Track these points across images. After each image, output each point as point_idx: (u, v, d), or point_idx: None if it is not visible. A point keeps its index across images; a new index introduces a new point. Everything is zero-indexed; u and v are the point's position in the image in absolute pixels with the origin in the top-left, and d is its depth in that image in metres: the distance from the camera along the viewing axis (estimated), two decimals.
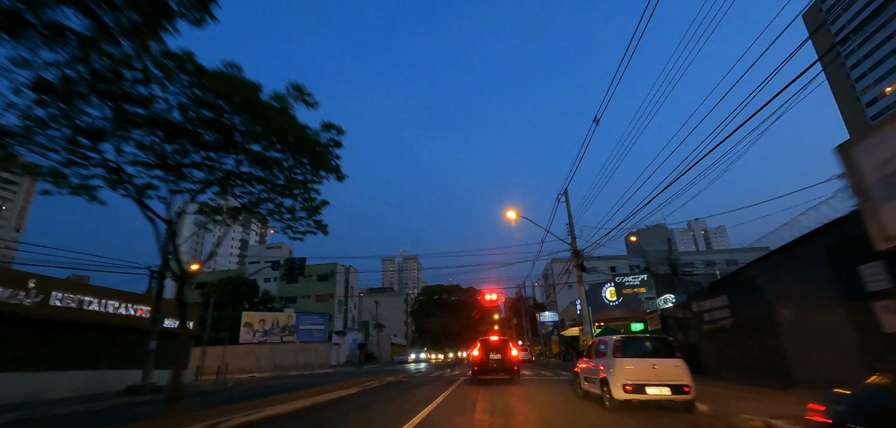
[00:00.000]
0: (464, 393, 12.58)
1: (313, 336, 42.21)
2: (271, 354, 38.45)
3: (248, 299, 43.68)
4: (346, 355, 50.36)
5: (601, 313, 44.05)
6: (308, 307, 54.93)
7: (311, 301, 59.17)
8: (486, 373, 15.82)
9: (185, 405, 9.26)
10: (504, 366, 15.50)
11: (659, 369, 7.80)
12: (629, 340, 8.88)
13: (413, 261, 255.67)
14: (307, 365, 40.07)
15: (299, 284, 61.10)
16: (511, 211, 22.62)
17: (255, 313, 39.77)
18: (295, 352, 39.86)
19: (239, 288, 43.16)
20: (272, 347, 38.90)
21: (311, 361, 40.59)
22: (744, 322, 10.59)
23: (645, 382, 7.67)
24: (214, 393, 17.94)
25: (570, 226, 21.67)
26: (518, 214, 22.60)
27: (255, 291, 44.89)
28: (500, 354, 15.67)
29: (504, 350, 15.75)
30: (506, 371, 15.58)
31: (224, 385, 21.71)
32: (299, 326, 41.58)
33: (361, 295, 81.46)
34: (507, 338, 16.92)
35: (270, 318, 40.38)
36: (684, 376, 7.74)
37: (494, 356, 15.77)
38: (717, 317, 11.73)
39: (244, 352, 37.72)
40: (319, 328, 42.87)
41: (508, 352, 15.74)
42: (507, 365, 15.49)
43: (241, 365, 37.10)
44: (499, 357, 15.69)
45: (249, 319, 39.00)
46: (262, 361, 37.80)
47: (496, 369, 15.62)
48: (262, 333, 39.44)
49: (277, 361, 38.49)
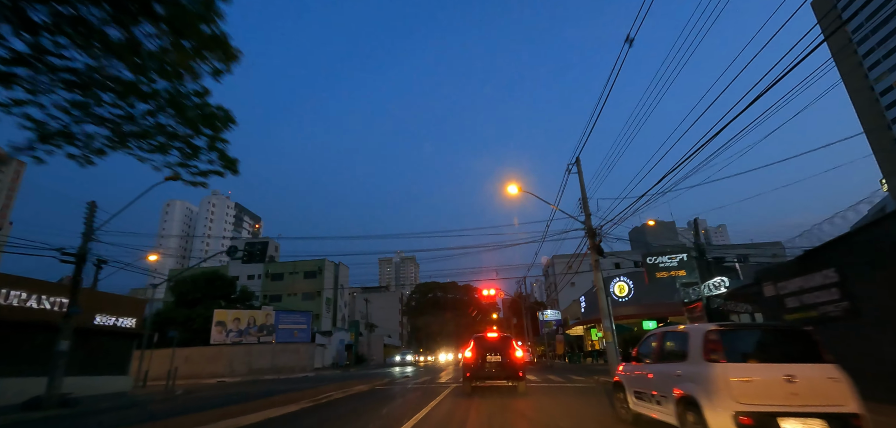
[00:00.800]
0: (450, 409, 9.00)
1: (294, 336, 38.45)
2: (246, 357, 34.68)
3: (225, 296, 39.94)
4: (332, 357, 46.62)
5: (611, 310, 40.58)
6: (294, 306, 51.16)
7: (297, 299, 55.41)
8: (483, 379, 12.22)
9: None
10: (506, 370, 11.89)
11: (801, 384, 4.19)
12: (740, 332, 5.28)
13: (411, 261, 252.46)
14: (286, 368, 36.32)
15: (284, 282, 57.36)
16: (512, 185, 18.99)
17: (229, 311, 36.00)
18: (273, 354, 36.10)
19: (213, 284, 39.41)
20: (248, 348, 35.14)
21: (291, 363, 36.83)
22: (870, 308, 7.01)
23: (778, 408, 4.08)
24: (133, 406, 14.16)
25: (584, 200, 18.07)
26: (521, 189, 18.99)
27: (232, 287, 41.11)
28: (501, 356, 12.05)
29: (505, 350, 12.16)
30: (508, 377, 11.97)
31: (170, 394, 18.09)
32: (278, 326, 37.82)
33: (355, 294, 77.72)
34: (508, 335, 13.28)
35: (246, 316, 36.60)
36: (848, 397, 4.16)
37: (493, 358, 12.15)
38: (813, 302, 8.10)
39: (214, 354, 33.96)
40: (301, 327, 39.11)
41: (511, 352, 12.13)
42: (510, 369, 11.88)
43: (210, 369, 33.35)
44: (498, 359, 12.07)
45: (222, 317, 35.25)
46: (236, 363, 34.04)
47: (495, 375, 12.02)
48: (237, 332, 35.67)
49: (253, 364, 34.73)
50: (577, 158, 18.51)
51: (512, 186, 18.96)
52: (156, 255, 24.26)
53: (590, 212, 17.73)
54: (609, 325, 16.00)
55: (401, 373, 25.62)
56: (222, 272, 44.64)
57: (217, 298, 39.06)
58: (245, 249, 18.98)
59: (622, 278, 39.48)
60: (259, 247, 18.75)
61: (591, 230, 17.39)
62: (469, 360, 12.35)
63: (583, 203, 17.94)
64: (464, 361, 12.64)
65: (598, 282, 16.77)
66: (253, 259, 18.49)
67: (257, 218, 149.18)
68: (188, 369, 33.16)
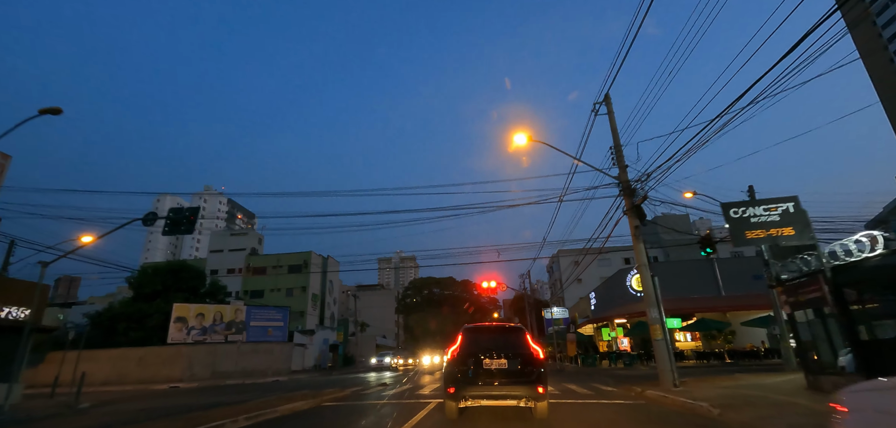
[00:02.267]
0: None
1: (268, 334, 33.84)
2: (210, 358, 30.06)
3: (192, 290, 35.35)
4: (315, 358, 41.96)
5: (626, 306, 35.67)
6: (279, 302, 46.51)
7: (281, 296, 50.79)
8: (478, 394, 7.47)
9: None
10: (517, 379, 7.24)
11: None
12: None
13: (410, 261, 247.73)
14: (257, 371, 31.71)
15: (267, 277, 52.70)
16: (521, 133, 14.31)
17: (191, 305, 31.39)
18: (242, 355, 31.47)
19: (178, 275, 34.84)
20: (212, 348, 30.52)
21: (262, 366, 32.21)
22: None
23: None
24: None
25: (617, 147, 13.42)
26: (531, 139, 14.31)
27: (201, 280, 36.51)
28: (508, 356, 7.39)
29: (517, 347, 7.49)
30: (522, 391, 7.33)
31: (69, 407, 13.55)
32: (250, 323, 33.20)
33: (348, 292, 73.10)
34: (519, 325, 8.54)
35: (212, 311, 31.99)
36: None
37: (495, 361, 7.50)
38: None
39: (172, 355, 29.35)
40: (277, 324, 34.47)
41: (526, 350, 7.47)
42: (524, 377, 7.23)
43: (166, 372, 28.73)
44: (503, 363, 7.41)
45: (182, 313, 30.66)
46: (197, 366, 29.42)
47: (500, 388, 7.35)
48: (200, 330, 31.07)
49: (217, 367, 30.11)
50: (606, 95, 13.86)
51: (520, 136, 14.27)
52: (91, 236, 19.62)
53: (625, 163, 13.08)
54: (658, 315, 11.34)
55: (377, 379, 20.90)
56: (192, 264, 40.07)
57: (183, 291, 34.48)
58: (169, 216, 14.31)
59: (634, 272, 34.77)
60: (187, 214, 14.05)
61: (628, 186, 12.73)
62: (454, 362, 7.71)
63: (615, 151, 13.29)
64: (447, 366, 7.91)
65: (640, 256, 12.10)
66: (177, 229, 13.78)
67: (251, 214, 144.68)
68: (140, 373, 28.59)
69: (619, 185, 12.98)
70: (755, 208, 10.11)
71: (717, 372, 17.39)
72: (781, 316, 15.14)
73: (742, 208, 10.25)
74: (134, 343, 30.22)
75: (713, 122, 9.36)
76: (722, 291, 32.08)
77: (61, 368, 28.61)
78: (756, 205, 10.20)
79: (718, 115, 9.35)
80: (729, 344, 28.66)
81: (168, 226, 14.48)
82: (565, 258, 65.51)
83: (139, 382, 27.64)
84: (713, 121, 9.52)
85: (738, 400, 8.52)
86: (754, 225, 9.93)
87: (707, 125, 9.42)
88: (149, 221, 14.52)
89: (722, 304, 30.40)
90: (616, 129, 13.44)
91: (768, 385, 11.07)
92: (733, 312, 30.23)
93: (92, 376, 28.56)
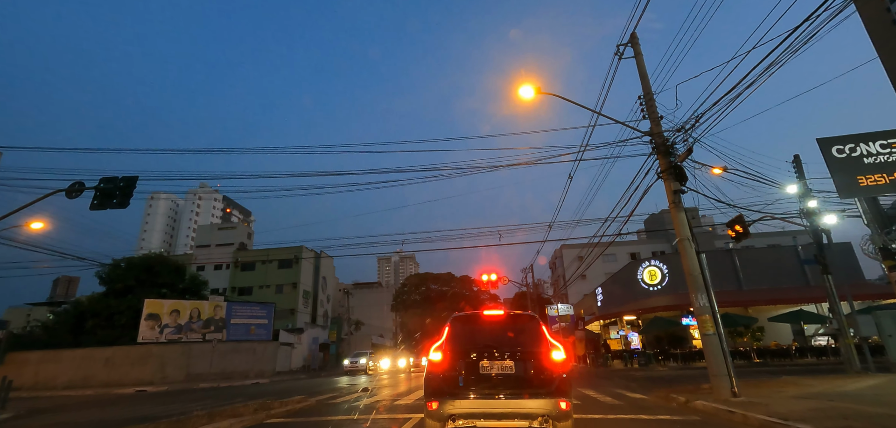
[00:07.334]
0: None
1: (251, 333, 31.31)
2: (184, 359, 27.50)
3: (169, 285, 32.77)
4: (303, 358, 39.41)
5: (637, 302, 33.17)
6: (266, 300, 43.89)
7: (270, 292, 48.21)
8: (471, 406, 4.67)
9: None
10: (531, 387, 4.71)
11: None
12: None
13: (410, 259, 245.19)
14: (238, 373, 29.17)
15: (256, 273, 50.10)
16: (527, 86, 11.69)
17: (165, 301, 28.83)
18: (220, 355, 28.90)
19: (153, 270, 32.25)
20: (187, 347, 27.96)
21: (244, 366, 29.65)
22: None
23: None
24: None
25: (647, 97, 10.82)
26: (540, 90, 11.69)
27: (180, 275, 33.93)
28: (515, 357, 4.87)
29: (528, 342, 5.04)
30: (536, 399, 4.67)
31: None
32: (231, 320, 30.66)
33: (343, 290, 70.54)
34: (530, 314, 6.01)
35: (188, 307, 29.43)
36: None
37: (497, 364, 4.95)
38: None
39: (143, 355, 26.82)
40: (261, 322, 31.93)
41: (541, 349, 4.97)
42: (543, 385, 4.71)
43: (136, 374, 26.23)
44: (508, 365, 4.87)
45: (155, 309, 28.10)
46: (170, 367, 26.89)
47: (504, 400, 4.79)
48: (175, 328, 28.53)
49: (193, 368, 27.57)
50: (632, 34, 11.27)
51: (526, 88, 11.65)
52: (41, 221, 17.18)
53: (659, 114, 10.48)
54: (708, 304, 8.74)
55: (349, 383, 18.15)
56: (170, 258, 37.50)
57: (159, 287, 31.90)
58: (98, 186, 11.75)
59: (654, 262, 32.20)
60: (120, 183, 11.46)
61: (664, 143, 10.13)
62: (437, 366, 5.16)
63: (645, 101, 10.67)
64: (427, 371, 5.32)
65: (681, 229, 9.51)
66: (108, 201, 11.15)
67: (247, 212, 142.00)
68: (108, 375, 26.09)
69: (651, 141, 10.38)
70: (870, 143, 7.48)
71: (756, 375, 14.75)
72: (840, 309, 12.57)
73: (849, 144, 7.61)
74: (103, 342, 27.70)
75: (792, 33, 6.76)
76: (742, 285, 29.48)
77: (22, 370, 26.01)
78: (871, 140, 7.59)
79: (789, 34, 6.79)
80: (757, 342, 26.00)
81: (97, 199, 11.90)
82: (569, 253, 63.01)
83: (105, 384, 25.14)
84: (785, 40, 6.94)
85: (854, 421, 5.96)
86: (870, 167, 7.28)
87: (786, 37, 6.81)
88: (74, 191, 11.93)
89: (744, 298, 27.79)
90: (646, 74, 10.83)
91: (853, 393, 8.50)
92: (756, 306, 27.63)
93: (54, 379, 26.11)
